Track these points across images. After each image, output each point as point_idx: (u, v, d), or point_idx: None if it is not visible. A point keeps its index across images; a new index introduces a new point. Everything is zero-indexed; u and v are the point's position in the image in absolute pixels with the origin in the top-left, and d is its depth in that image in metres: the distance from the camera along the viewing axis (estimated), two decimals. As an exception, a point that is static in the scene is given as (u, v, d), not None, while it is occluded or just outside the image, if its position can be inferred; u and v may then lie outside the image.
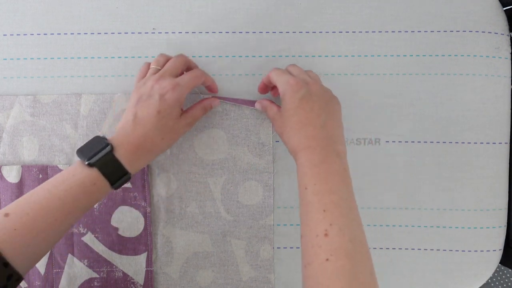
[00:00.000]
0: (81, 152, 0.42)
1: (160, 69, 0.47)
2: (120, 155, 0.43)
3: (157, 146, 0.45)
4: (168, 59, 0.49)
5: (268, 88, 0.52)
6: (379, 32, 0.54)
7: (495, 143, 0.54)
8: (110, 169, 0.42)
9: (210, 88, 0.52)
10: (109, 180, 0.42)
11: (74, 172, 0.41)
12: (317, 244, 0.38)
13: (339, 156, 0.43)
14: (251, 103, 0.53)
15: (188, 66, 0.50)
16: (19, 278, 0.38)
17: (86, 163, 0.41)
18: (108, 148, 0.42)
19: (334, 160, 0.42)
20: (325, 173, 0.41)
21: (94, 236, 0.52)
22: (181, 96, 0.45)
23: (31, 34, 0.53)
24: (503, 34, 0.54)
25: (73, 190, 0.40)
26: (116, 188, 0.43)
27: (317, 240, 0.38)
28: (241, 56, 0.54)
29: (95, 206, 0.52)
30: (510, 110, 0.55)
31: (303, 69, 0.49)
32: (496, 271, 1.16)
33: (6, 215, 0.38)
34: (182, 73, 0.49)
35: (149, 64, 0.49)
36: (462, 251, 0.55)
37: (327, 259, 0.36)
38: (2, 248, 0.36)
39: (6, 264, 0.37)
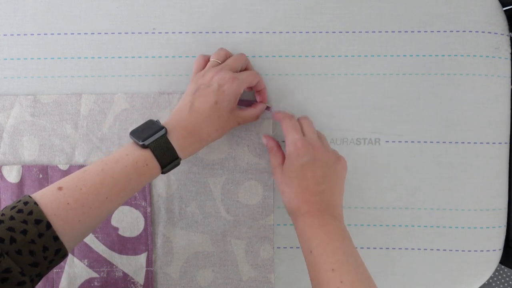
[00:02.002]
0: (136, 133, 0.43)
1: (219, 63, 0.48)
2: (173, 139, 0.43)
3: (209, 136, 0.46)
4: (227, 54, 0.50)
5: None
6: (379, 32, 0.54)
7: (495, 143, 0.54)
8: (163, 152, 0.43)
9: (262, 96, 0.52)
10: (161, 162, 0.43)
11: (128, 152, 0.42)
12: None
13: (336, 219, 0.44)
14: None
15: (246, 66, 0.51)
16: (65, 254, 0.38)
17: (141, 143, 0.42)
18: (162, 131, 0.43)
19: (332, 222, 0.44)
20: (326, 234, 0.43)
21: (94, 236, 0.52)
22: (239, 89, 0.46)
23: (31, 34, 0.53)
24: (503, 34, 0.54)
25: (126, 169, 0.41)
26: (165, 172, 0.44)
27: None
28: (241, 56, 0.54)
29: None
30: (510, 110, 0.55)
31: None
32: (496, 271, 1.16)
33: (60, 188, 0.39)
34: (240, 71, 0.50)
35: (205, 56, 0.50)
36: (462, 251, 0.55)
37: None
38: (54, 220, 0.37)
39: (56, 238, 0.37)
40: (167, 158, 0.43)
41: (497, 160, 0.54)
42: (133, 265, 0.53)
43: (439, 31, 0.54)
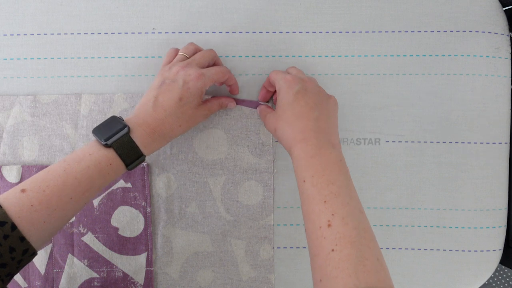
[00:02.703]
0: (98, 131, 0.43)
1: (188, 57, 0.48)
2: (137, 137, 0.43)
3: (173, 132, 0.46)
4: (197, 49, 0.50)
5: (269, 93, 0.52)
6: (379, 32, 0.54)
7: (495, 143, 0.54)
8: (126, 151, 0.42)
9: (232, 89, 0.52)
10: (125, 161, 0.42)
11: (90, 152, 0.42)
12: (322, 235, 0.38)
13: (334, 147, 0.43)
14: (255, 104, 0.53)
15: (215, 62, 0.51)
16: (34, 253, 0.39)
17: (103, 143, 0.42)
18: (125, 130, 0.42)
19: (329, 151, 0.43)
20: (321, 164, 0.42)
21: (94, 236, 0.52)
22: (204, 86, 0.46)
23: (31, 34, 0.53)
24: (503, 34, 0.54)
25: (89, 170, 0.41)
26: (130, 169, 0.44)
27: (321, 232, 0.38)
28: (241, 56, 0.54)
29: (95, 206, 0.52)
30: (510, 110, 0.55)
31: (303, 71, 0.51)
32: (496, 271, 1.16)
33: (23, 190, 0.39)
34: (208, 67, 0.49)
35: (176, 49, 0.50)
36: (462, 251, 0.55)
37: (332, 250, 0.37)
38: (18, 222, 0.37)
39: (22, 239, 0.37)
40: (131, 157, 0.43)
41: (497, 160, 0.54)
42: (133, 265, 0.53)
43: (439, 31, 0.54)
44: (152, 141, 0.44)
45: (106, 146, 0.42)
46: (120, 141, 0.42)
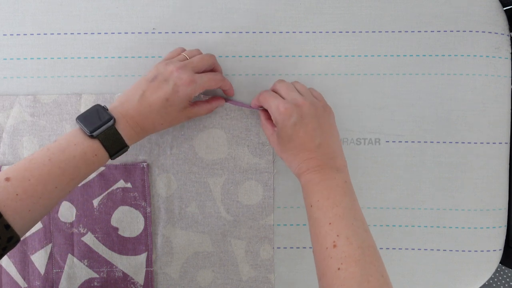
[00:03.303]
0: (83, 120, 0.43)
1: (187, 59, 0.48)
2: (121, 129, 0.44)
3: (154, 128, 0.47)
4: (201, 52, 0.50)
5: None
6: (379, 32, 0.54)
7: (495, 143, 0.54)
8: (111, 142, 0.43)
9: (227, 93, 0.52)
10: (109, 152, 0.43)
11: (75, 141, 0.42)
12: (328, 255, 0.39)
13: (338, 171, 0.44)
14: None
15: (213, 68, 0.51)
16: (18, 241, 0.39)
17: (89, 134, 0.42)
18: (111, 122, 0.43)
19: (333, 175, 0.44)
20: (326, 189, 0.43)
21: (94, 236, 0.52)
22: (194, 93, 0.46)
23: (31, 34, 0.53)
24: (503, 34, 0.54)
25: (75, 160, 0.41)
26: (113, 159, 0.45)
27: (328, 252, 0.39)
28: (241, 56, 0.54)
29: (95, 206, 0.52)
30: (510, 110, 0.55)
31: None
32: (496, 271, 1.16)
33: (7, 179, 0.39)
34: (205, 71, 0.49)
35: (183, 49, 0.50)
36: (462, 251, 0.55)
37: (338, 268, 0.38)
38: (4, 211, 0.37)
39: (7, 227, 0.37)
40: (116, 147, 0.44)
41: (497, 160, 0.54)
42: (133, 265, 0.53)
43: (439, 31, 0.54)
44: (135, 133, 0.45)
45: (92, 137, 0.42)
46: (106, 132, 0.43)
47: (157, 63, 0.47)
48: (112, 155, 0.44)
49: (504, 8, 0.55)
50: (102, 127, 0.42)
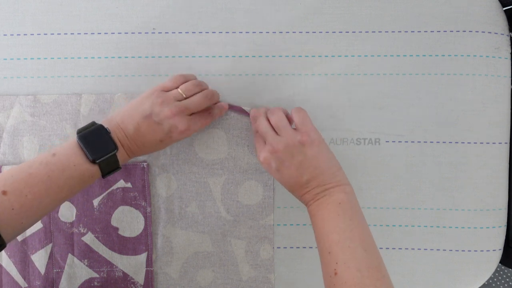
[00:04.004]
0: (86, 144, 0.43)
1: (185, 97, 0.47)
2: (120, 156, 0.45)
3: (150, 152, 0.49)
4: (200, 87, 0.48)
5: None
6: (379, 32, 0.54)
7: (495, 143, 0.54)
8: (109, 167, 0.44)
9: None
10: (104, 174, 0.44)
11: (76, 162, 0.42)
12: (332, 283, 0.41)
13: (331, 194, 0.44)
14: (247, 114, 0.53)
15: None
16: (4, 247, 0.40)
17: (91, 159, 0.43)
18: (114, 151, 0.44)
19: (327, 202, 0.44)
20: (321, 219, 0.44)
21: (94, 236, 0.52)
22: (187, 136, 0.48)
23: (31, 34, 0.53)
24: (503, 34, 0.54)
25: (72, 180, 0.42)
26: (104, 178, 0.46)
27: (331, 280, 0.41)
28: (241, 56, 0.54)
29: (95, 206, 0.52)
30: (510, 110, 0.55)
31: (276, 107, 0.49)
32: (496, 271, 1.16)
33: (4, 193, 0.39)
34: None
35: (183, 79, 0.48)
36: (462, 251, 0.55)
37: None
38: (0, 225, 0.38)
39: None
40: (111, 171, 0.45)
41: (497, 160, 0.54)
42: (133, 265, 0.53)
43: (439, 31, 0.54)
44: (129, 158, 0.47)
45: (93, 162, 0.43)
46: (107, 160, 0.43)
47: (153, 94, 0.46)
48: (105, 176, 0.45)
49: (504, 8, 0.55)
50: (106, 156, 0.43)
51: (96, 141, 0.43)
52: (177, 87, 0.48)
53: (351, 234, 0.42)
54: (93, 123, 0.45)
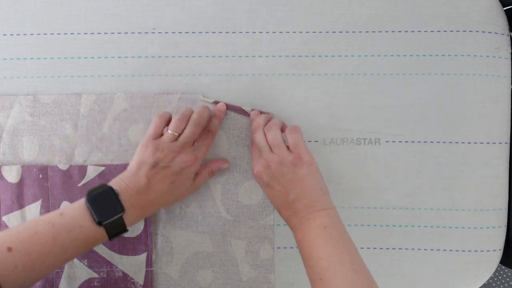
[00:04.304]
0: (94, 206, 0.43)
1: (177, 135, 0.48)
2: (127, 217, 0.45)
3: (158, 210, 0.49)
4: (186, 119, 0.48)
5: None
6: (379, 32, 0.54)
7: (495, 143, 0.54)
8: (116, 230, 0.44)
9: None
10: (110, 236, 0.44)
11: (82, 224, 0.42)
12: None
13: (314, 218, 0.44)
14: (247, 114, 0.53)
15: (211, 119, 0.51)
16: None
17: (97, 221, 0.43)
18: (121, 214, 0.44)
19: (312, 226, 0.44)
20: (308, 247, 0.44)
21: (94, 236, 0.52)
22: (197, 168, 0.49)
23: (31, 34, 0.53)
24: (503, 34, 0.54)
25: (77, 241, 0.42)
26: (111, 240, 0.45)
27: None
28: (241, 56, 0.54)
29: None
30: (510, 110, 0.55)
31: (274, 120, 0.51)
32: (496, 271, 1.16)
33: (9, 249, 0.39)
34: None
35: (164, 119, 0.49)
36: (462, 251, 0.55)
37: None
38: (1, 282, 0.38)
39: None
40: (118, 233, 0.44)
41: (497, 160, 0.54)
42: (133, 265, 0.53)
43: (439, 31, 0.54)
44: (139, 219, 0.47)
45: (99, 224, 0.43)
46: (114, 222, 0.43)
47: (147, 146, 0.47)
48: (111, 238, 0.44)
49: (504, 8, 0.55)
50: (112, 218, 0.43)
51: (103, 203, 0.43)
52: (162, 129, 0.48)
53: (340, 257, 0.42)
54: (103, 185, 0.45)
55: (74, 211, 0.43)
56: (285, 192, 0.46)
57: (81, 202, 0.44)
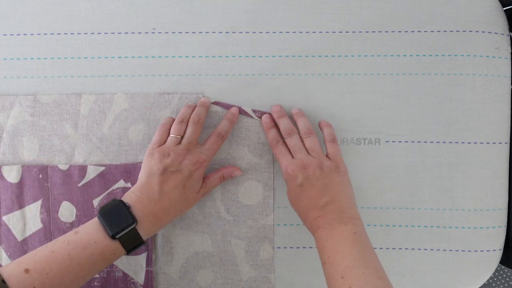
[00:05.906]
0: (106, 220, 0.43)
1: (180, 138, 0.49)
2: (142, 228, 0.45)
3: (174, 217, 0.49)
4: (185, 121, 0.50)
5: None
6: (379, 32, 0.54)
7: (495, 143, 0.54)
8: (131, 242, 0.44)
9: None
10: (127, 249, 0.44)
11: (96, 239, 0.43)
12: None
13: (347, 224, 0.45)
14: (260, 113, 0.53)
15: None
16: None
17: (111, 235, 0.43)
18: (134, 225, 0.44)
19: (341, 230, 0.45)
20: (335, 245, 0.44)
21: (94, 236, 0.52)
22: (205, 169, 0.49)
23: (31, 34, 0.53)
24: (503, 34, 0.54)
25: (93, 257, 0.42)
26: (129, 254, 0.45)
27: None
28: (241, 56, 0.54)
29: (95, 206, 0.52)
30: (510, 110, 0.55)
31: (303, 121, 0.51)
32: (496, 271, 1.16)
33: (27, 270, 0.40)
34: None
35: (168, 126, 0.50)
36: (462, 251, 0.55)
37: None
38: None
39: None
40: (134, 245, 0.45)
41: (497, 160, 0.54)
42: (133, 265, 0.53)
43: (439, 31, 0.54)
44: (155, 228, 0.47)
45: (113, 237, 0.43)
46: (127, 234, 0.44)
47: (153, 154, 0.47)
48: (129, 252, 0.45)
49: (504, 8, 0.55)
50: (124, 230, 0.43)
51: (115, 216, 0.44)
52: (166, 136, 0.49)
53: (365, 262, 0.42)
54: (114, 200, 0.45)
55: (88, 228, 0.44)
56: (317, 194, 0.47)
57: (94, 219, 0.44)
